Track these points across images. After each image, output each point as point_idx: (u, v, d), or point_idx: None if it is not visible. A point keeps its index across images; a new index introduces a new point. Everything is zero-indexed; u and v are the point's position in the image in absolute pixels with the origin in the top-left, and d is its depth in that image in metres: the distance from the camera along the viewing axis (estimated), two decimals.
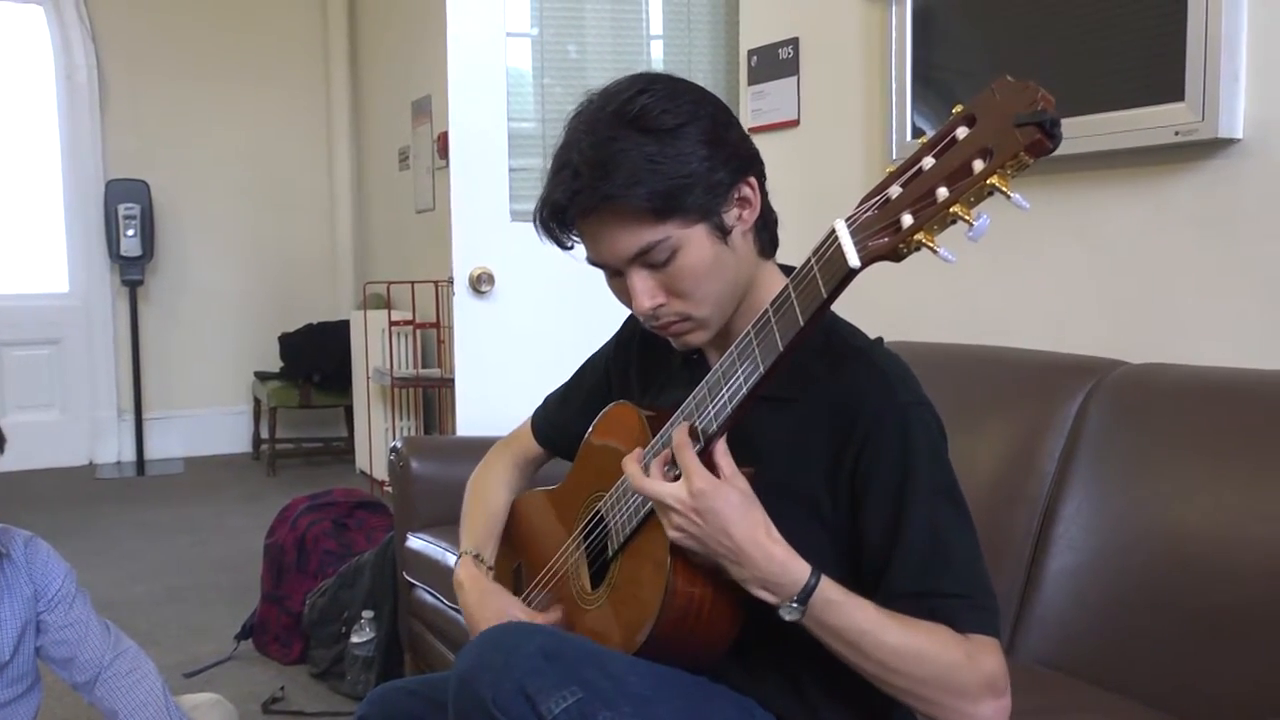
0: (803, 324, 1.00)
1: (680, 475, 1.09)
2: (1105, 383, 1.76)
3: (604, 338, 1.50)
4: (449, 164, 2.94)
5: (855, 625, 1.06)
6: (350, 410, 5.90)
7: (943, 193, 0.89)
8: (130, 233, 5.94)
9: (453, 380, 3.06)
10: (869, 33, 2.62)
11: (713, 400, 1.09)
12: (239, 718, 2.06)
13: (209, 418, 6.47)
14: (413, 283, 5.28)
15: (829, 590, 1.06)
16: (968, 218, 0.89)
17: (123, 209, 5.93)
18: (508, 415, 1.67)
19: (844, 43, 2.70)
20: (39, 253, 6.17)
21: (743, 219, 1.18)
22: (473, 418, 2.95)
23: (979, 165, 0.88)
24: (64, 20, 6.06)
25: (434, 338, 5.23)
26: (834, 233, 0.96)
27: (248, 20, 6.41)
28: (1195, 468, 1.60)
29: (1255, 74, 1.81)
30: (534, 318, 2.98)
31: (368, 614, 2.84)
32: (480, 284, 2.92)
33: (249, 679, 2.97)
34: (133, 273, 6.04)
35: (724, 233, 1.16)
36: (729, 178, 1.15)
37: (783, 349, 1.03)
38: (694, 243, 1.14)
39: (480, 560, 1.47)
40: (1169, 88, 1.89)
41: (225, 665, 3.06)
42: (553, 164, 1.18)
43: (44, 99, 6.11)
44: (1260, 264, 1.83)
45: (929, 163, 0.92)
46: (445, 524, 2.31)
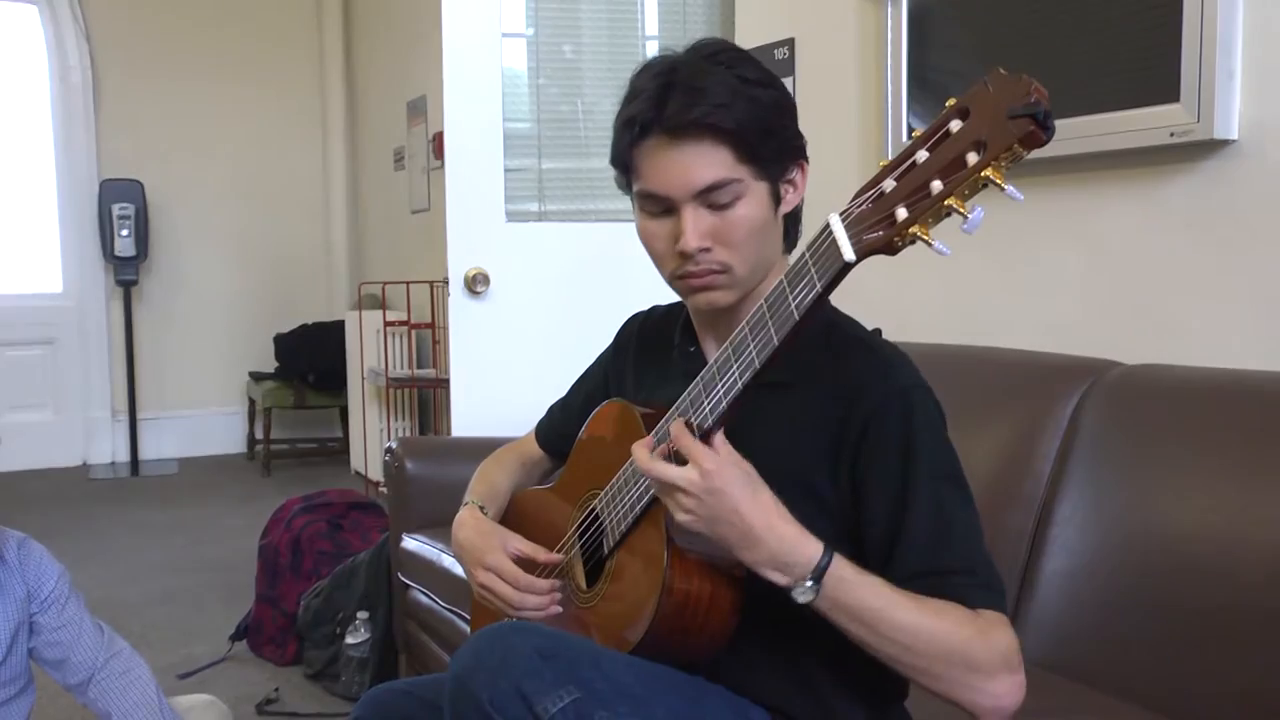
0: (798, 319, 1.00)
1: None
2: (1101, 383, 1.76)
3: (599, 338, 1.50)
4: (444, 164, 2.94)
5: (869, 603, 1.05)
6: (345, 411, 5.89)
7: (937, 186, 0.89)
8: (124, 233, 5.93)
9: (448, 381, 3.05)
10: (865, 33, 2.63)
11: (708, 395, 1.09)
12: (233, 719, 2.05)
13: (203, 418, 6.46)
14: (408, 283, 5.27)
15: (842, 568, 1.05)
16: (962, 210, 0.89)
17: (117, 209, 5.93)
18: (503, 416, 1.67)
19: (840, 43, 2.70)
20: (33, 252, 6.16)
21: (787, 200, 1.21)
22: (468, 418, 2.95)
23: (973, 158, 0.88)
24: (58, 20, 6.05)
25: (429, 338, 5.22)
26: (828, 227, 0.96)
27: (242, 20, 6.40)
28: (1191, 468, 1.60)
29: (1250, 75, 1.81)
30: (529, 318, 2.98)
31: (362, 615, 2.84)
32: (475, 284, 2.92)
33: (243, 680, 2.96)
34: (127, 273, 6.03)
35: (777, 202, 1.19)
36: (794, 152, 1.20)
37: (778, 343, 1.02)
38: (756, 196, 1.17)
39: (484, 511, 1.47)
40: (1164, 89, 1.89)
41: (219, 666, 3.06)
42: (630, 92, 1.19)
43: (38, 99, 6.10)
44: (1255, 265, 1.83)
45: (923, 156, 0.91)
46: (440, 525, 2.29)
